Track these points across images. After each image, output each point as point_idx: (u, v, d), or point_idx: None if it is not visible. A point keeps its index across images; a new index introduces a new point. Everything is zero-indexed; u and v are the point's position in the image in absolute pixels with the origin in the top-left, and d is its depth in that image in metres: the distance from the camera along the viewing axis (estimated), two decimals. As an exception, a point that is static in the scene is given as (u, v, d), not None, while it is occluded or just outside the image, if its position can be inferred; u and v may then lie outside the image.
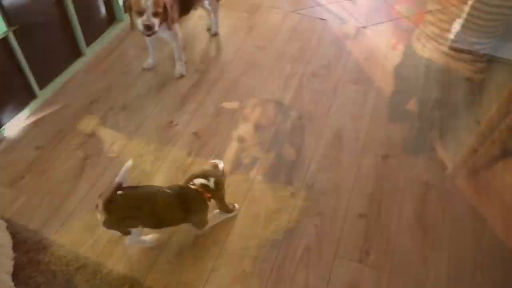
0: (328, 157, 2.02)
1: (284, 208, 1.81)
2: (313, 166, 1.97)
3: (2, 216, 1.72)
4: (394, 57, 2.60)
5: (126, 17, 2.73)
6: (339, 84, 2.40)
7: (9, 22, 1.91)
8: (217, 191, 1.60)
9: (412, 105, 2.30)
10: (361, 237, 1.72)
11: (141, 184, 1.83)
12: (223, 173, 1.71)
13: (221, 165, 1.72)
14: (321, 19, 2.89)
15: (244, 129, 2.14)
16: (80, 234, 1.71)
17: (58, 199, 1.83)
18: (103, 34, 2.63)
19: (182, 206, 1.52)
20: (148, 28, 2.02)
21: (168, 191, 1.53)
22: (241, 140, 2.09)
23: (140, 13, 2.01)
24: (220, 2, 2.60)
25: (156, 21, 2.03)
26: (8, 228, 1.68)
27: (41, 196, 1.84)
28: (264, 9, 2.98)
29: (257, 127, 2.15)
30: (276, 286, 1.57)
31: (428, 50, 2.65)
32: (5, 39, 1.94)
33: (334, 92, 2.35)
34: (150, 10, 1.98)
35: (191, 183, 1.58)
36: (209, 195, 1.57)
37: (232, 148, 2.05)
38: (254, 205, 1.82)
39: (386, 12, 2.98)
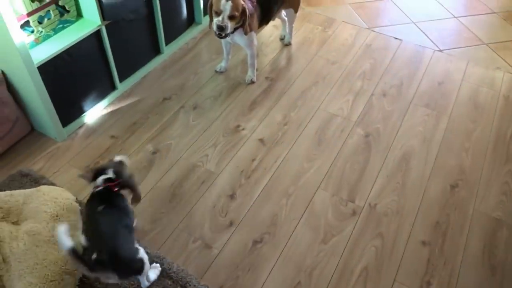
0: (394, 179, 1.97)
1: (344, 225, 1.78)
2: (377, 186, 1.93)
3: (76, 199, 1.83)
4: (471, 83, 2.49)
5: (204, 20, 2.84)
6: (410, 106, 2.34)
7: (103, 16, 2.04)
8: None
9: (486, 135, 2.19)
10: (423, 266, 1.66)
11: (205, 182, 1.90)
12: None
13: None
14: (396, 38, 2.84)
15: (308, 141, 2.14)
16: (145, 223, 1.78)
17: (127, 187, 1.92)
18: (182, 35, 2.74)
19: None
20: (221, 29, 2.09)
21: None
22: (305, 151, 2.09)
23: (218, 13, 2.08)
24: (297, 14, 2.63)
25: (230, 24, 2.08)
26: (81, 211, 1.78)
27: (113, 182, 1.94)
28: (339, 23, 2.98)
29: (322, 140, 2.14)
30: (331, 303, 1.55)
31: (509, 81, 2.51)
32: (98, 32, 2.08)
33: (404, 114, 2.30)
34: (227, 12, 2.04)
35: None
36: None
37: (296, 158, 2.05)
38: (314, 218, 1.81)
39: (467, 37, 2.87)
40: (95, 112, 2.27)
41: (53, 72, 1.94)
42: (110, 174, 1.49)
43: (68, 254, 1.27)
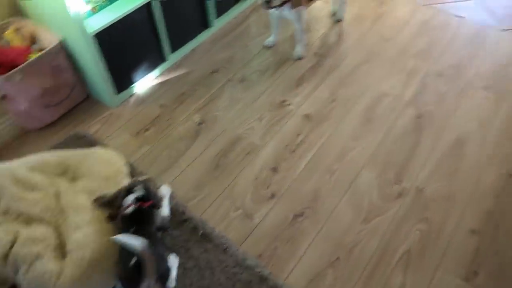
0: (445, 164, 1.88)
1: (389, 206, 1.74)
2: (427, 170, 1.86)
3: (127, 161, 1.91)
4: (539, 67, 2.31)
5: (255, -6, 2.81)
6: (468, 88, 2.21)
7: (157, -13, 2.08)
8: None
9: (552, 123, 2.03)
10: (470, 255, 1.58)
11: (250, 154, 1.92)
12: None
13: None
14: (458, 16, 2.67)
15: (355, 119, 2.09)
16: (189, 189, 1.83)
17: (174, 154, 1.98)
18: (231, 9, 2.73)
19: None
20: (267, 1, 2.07)
21: None
22: (352, 129, 2.04)
23: None
24: (351, -12, 2.54)
25: None
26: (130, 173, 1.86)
27: (161, 149, 2.00)
28: (395, -1, 2.85)
29: (370, 119, 2.08)
30: (369, 282, 1.52)
31: None
32: (149, 3, 2.11)
33: (460, 96, 2.17)
34: None
35: None
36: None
37: (342, 135, 2.01)
38: (357, 196, 1.78)
39: (536, 16, 2.65)
40: (145, 82, 2.34)
41: (108, 41, 2.01)
42: (140, 192, 1.46)
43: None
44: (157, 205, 1.52)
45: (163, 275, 1.34)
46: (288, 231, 1.68)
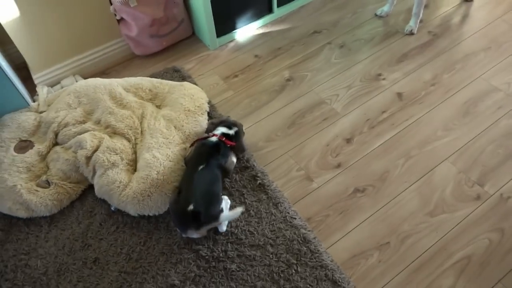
0: (545, 178, 1.64)
1: (461, 206, 1.58)
2: (519, 179, 1.64)
3: (210, 101, 2.00)
4: None
5: (380, -41, 2.62)
6: None
7: None
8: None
9: None
10: (543, 281, 1.39)
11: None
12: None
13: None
14: None
15: (452, 109, 1.90)
16: (260, 140, 1.87)
17: (255, 104, 2.02)
18: (351, -29, 2.60)
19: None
20: None
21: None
22: (445, 118, 1.86)
23: None
24: (492, -36, 2.23)
25: None
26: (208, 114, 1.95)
27: (244, 96, 2.06)
28: (545, -14, 2.44)
29: (469, 112, 1.88)
30: (415, 275, 1.43)
31: None
32: (267, -49, 2.11)
33: None
34: None
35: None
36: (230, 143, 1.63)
37: (431, 122, 1.86)
38: (429, 188, 1.65)
39: None
40: (247, 30, 2.38)
41: (219, -18, 2.07)
42: (232, 131, 1.66)
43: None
44: (236, 149, 1.69)
45: (215, 216, 1.45)
46: (344, 203, 1.64)
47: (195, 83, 2.09)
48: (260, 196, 1.66)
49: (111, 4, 2.08)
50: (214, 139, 1.63)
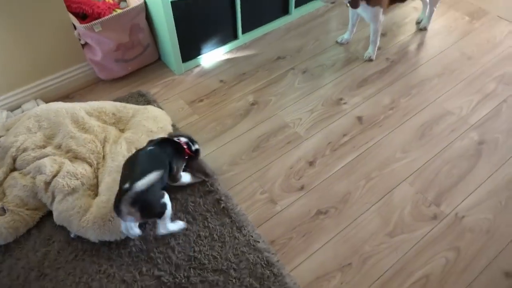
0: (496, 197, 1.72)
1: (419, 226, 1.63)
2: (472, 198, 1.71)
3: (174, 125, 2.01)
4: None
5: (340, -10, 2.75)
6: (548, 125, 1.98)
7: (239, -35, 2.13)
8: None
9: None
10: (497, 298, 1.44)
11: (290, 143, 1.90)
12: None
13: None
14: (560, 46, 2.39)
15: (410, 131, 1.98)
16: (224, 164, 1.88)
17: (220, 128, 2.04)
18: (313, 1, 2.71)
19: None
20: (355, 3, 2.03)
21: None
22: (403, 141, 1.94)
23: None
24: (442, -3, 2.38)
25: None
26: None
27: (209, 121, 2.08)
28: (491, 17, 2.62)
29: (425, 135, 1.96)
30: (376, 295, 1.46)
31: None
32: (232, -20, 2.19)
33: (537, 131, 1.96)
34: None
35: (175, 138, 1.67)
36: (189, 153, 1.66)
37: (390, 145, 1.92)
38: (389, 208, 1.69)
39: None
40: (213, 56, 2.42)
41: (183, 10, 2.11)
42: (194, 146, 1.71)
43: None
44: (196, 169, 1.74)
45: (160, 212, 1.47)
46: (308, 225, 1.66)
47: (160, 107, 2.10)
48: (224, 220, 1.66)
49: (75, 28, 2.08)
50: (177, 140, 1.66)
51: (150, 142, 1.63)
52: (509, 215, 1.66)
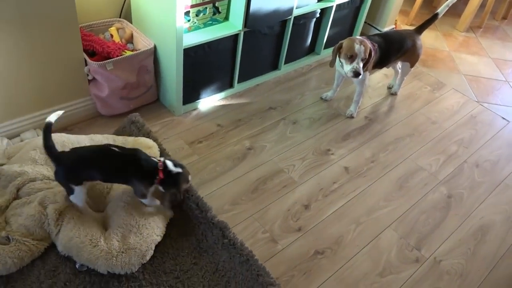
0: (466, 245, 1.98)
1: (405, 268, 1.84)
2: (447, 245, 1.96)
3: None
4: None
5: (322, 53, 3.09)
6: (501, 184, 2.33)
7: (246, 24, 2.37)
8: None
9: None
10: (473, 333, 1.65)
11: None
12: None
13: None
14: (504, 118, 2.84)
15: (390, 183, 2.23)
16: (225, 204, 1.99)
17: (219, 169, 2.16)
18: (300, 59, 3.01)
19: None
20: (357, 74, 2.25)
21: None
22: (385, 191, 2.18)
23: (352, 57, 2.24)
24: (411, 69, 2.76)
25: (361, 65, 2.25)
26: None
27: (209, 161, 2.20)
28: (448, 89, 3.05)
29: (403, 187, 2.22)
30: (372, 330, 1.60)
31: None
32: (236, 36, 2.40)
33: (492, 189, 2.29)
34: (360, 56, 2.23)
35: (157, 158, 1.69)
36: (161, 176, 1.63)
37: (375, 194, 2.15)
38: (378, 251, 1.89)
39: None
40: (210, 101, 2.59)
41: (192, 57, 2.28)
42: (176, 169, 1.67)
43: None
44: (171, 193, 1.74)
45: None
46: (307, 264, 1.80)
47: (160, 145, 2.19)
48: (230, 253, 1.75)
49: (86, 64, 2.16)
50: (154, 159, 1.67)
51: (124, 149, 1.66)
52: (477, 261, 1.92)
